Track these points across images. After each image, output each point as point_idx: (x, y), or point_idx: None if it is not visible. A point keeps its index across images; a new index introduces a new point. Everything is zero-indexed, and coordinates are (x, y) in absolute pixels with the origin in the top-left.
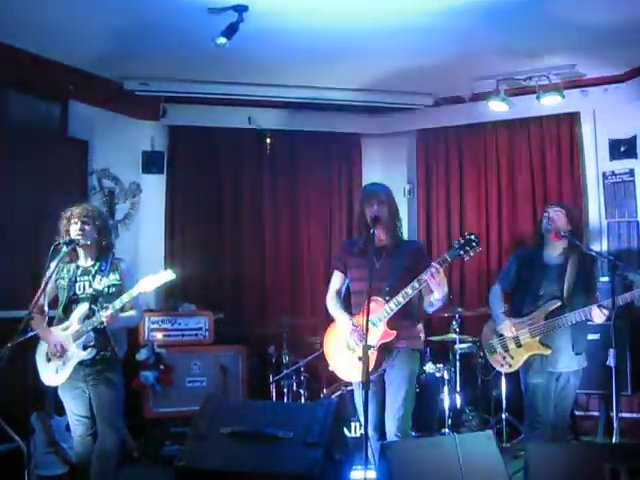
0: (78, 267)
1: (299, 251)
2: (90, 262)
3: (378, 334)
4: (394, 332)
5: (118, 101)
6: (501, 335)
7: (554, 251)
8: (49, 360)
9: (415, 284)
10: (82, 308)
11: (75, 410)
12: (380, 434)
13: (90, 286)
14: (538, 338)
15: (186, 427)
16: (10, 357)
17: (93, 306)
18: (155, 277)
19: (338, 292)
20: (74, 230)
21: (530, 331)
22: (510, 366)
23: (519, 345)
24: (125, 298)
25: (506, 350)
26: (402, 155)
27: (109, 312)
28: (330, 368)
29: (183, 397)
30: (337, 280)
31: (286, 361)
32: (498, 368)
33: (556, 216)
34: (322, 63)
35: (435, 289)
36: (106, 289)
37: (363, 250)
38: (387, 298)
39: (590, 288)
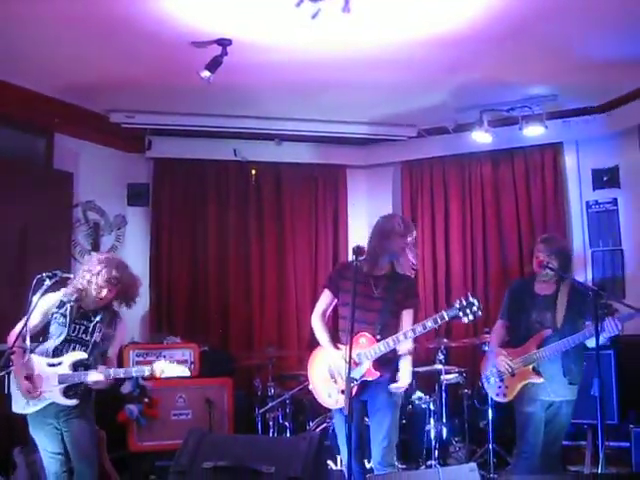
0: (80, 309)
1: (285, 282)
2: (92, 308)
3: (362, 370)
4: (378, 373)
5: (104, 133)
6: (496, 366)
7: (545, 282)
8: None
9: (409, 334)
10: (79, 355)
11: (48, 447)
12: (361, 464)
13: (85, 332)
14: (531, 366)
15: (171, 461)
16: None
17: (90, 356)
18: (170, 367)
19: (324, 313)
20: (104, 292)
21: (523, 360)
22: (505, 395)
23: (513, 375)
24: (131, 373)
25: (501, 380)
26: (387, 186)
27: (99, 378)
28: (310, 387)
29: (168, 430)
30: (326, 300)
31: (272, 393)
32: (495, 398)
33: (539, 253)
34: (306, 96)
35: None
36: (102, 342)
37: (358, 276)
38: (378, 337)
39: (580, 317)
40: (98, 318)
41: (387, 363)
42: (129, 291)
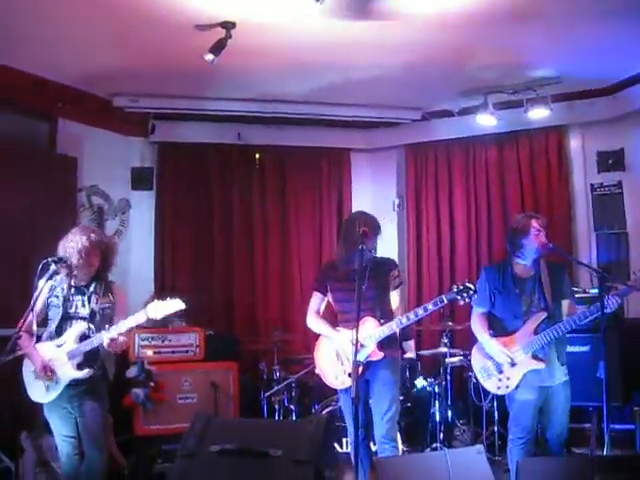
0: (71, 286)
1: (289, 265)
2: (84, 282)
3: (368, 352)
4: (382, 353)
5: (107, 118)
6: (493, 358)
7: (526, 263)
8: (37, 377)
9: (411, 316)
10: (79, 327)
11: (62, 431)
12: (367, 446)
13: (83, 306)
14: (530, 353)
15: (177, 444)
16: None
17: (91, 325)
18: (164, 305)
19: (318, 312)
20: (91, 258)
21: (523, 348)
22: (508, 387)
23: (513, 364)
24: (131, 323)
25: (500, 372)
26: (391, 169)
27: (112, 334)
28: (316, 371)
29: (174, 414)
30: (316, 301)
31: (277, 377)
32: (494, 392)
33: (540, 232)
34: (310, 78)
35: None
36: (101, 311)
37: (345, 273)
38: (382, 321)
39: (564, 296)
40: (92, 289)
41: (389, 344)
42: (110, 253)
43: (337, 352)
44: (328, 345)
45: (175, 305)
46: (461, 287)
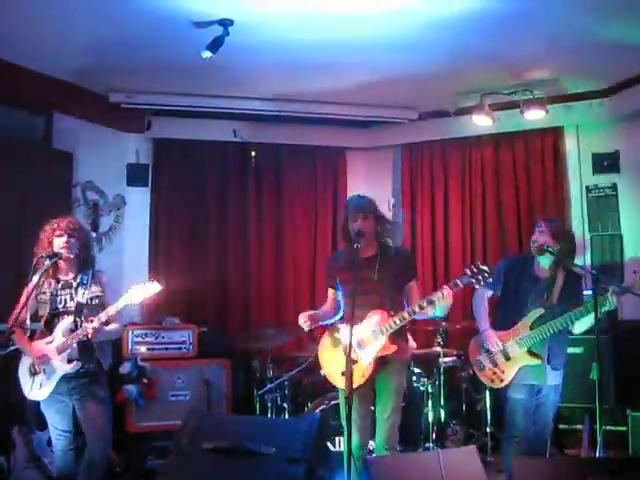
0: (59, 281)
1: (284, 264)
2: (70, 275)
3: (379, 346)
4: (395, 346)
5: (103, 113)
6: (488, 350)
7: (544, 264)
8: (33, 374)
9: (423, 303)
10: (66, 321)
11: (58, 425)
12: (364, 447)
13: (72, 299)
14: (526, 348)
15: (169, 441)
16: None
17: (77, 319)
18: (142, 288)
19: (333, 308)
20: (58, 243)
21: (518, 342)
22: (502, 381)
23: (508, 358)
24: (111, 311)
25: (495, 365)
26: (387, 169)
27: (94, 325)
28: (322, 372)
29: (166, 411)
30: (330, 297)
31: (270, 375)
32: (489, 384)
33: (539, 235)
34: (307, 77)
35: (440, 308)
36: (89, 301)
37: (350, 264)
38: (392, 312)
39: (574, 302)
40: (78, 280)
41: (400, 342)
42: (86, 239)
43: (344, 349)
44: (331, 345)
45: (153, 288)
46: (475, 270)
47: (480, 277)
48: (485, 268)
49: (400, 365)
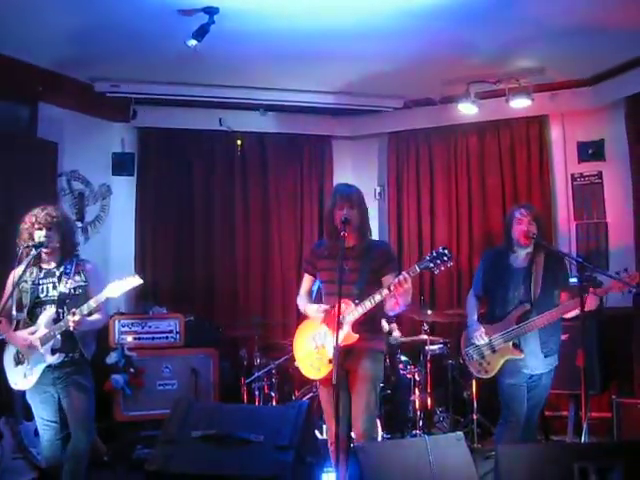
0: (41, 270)
1: (270, 252)
2: (53, 264)
3: (341, 336)
4: (357, 335)
5: (88, 103)
6: (475, 343)
7: (520, 254)
8: (17, 364)
9: (383, 291)
10: (49, 312)
11: (44, 415)
12: (347, 435)
13: (54, 288)
14: (511, 342)
15: (157, 430)
16: None
17: (60, 309)
18: (122, 283)
19: (308, 293)
20: (38, 235)
21: (503, 336)
22: (487, 372)
23: (494, 351)
24: (92, 303)
25: (482, 357)
26: (373, 157)
27: (76, 318)
28: (295, 364)
29: (154, 400)
30: (307, 283)
31: (257, 363)
32: (476, 374)
33: (531, 225)
34: (292, 65)
35: (400, 297)
36: (72, 291)
37: (332, 253)
38: (356, 302)
39: (557, 286)
40: (62, 269)
41: (373, 332)
42: (67, 228)
43: (314, 340)
44: (303, 335)
45: (132, 282)
46: (434, 254)
47: (439, 261)
48: (445, 252)
49: (371, 355)
